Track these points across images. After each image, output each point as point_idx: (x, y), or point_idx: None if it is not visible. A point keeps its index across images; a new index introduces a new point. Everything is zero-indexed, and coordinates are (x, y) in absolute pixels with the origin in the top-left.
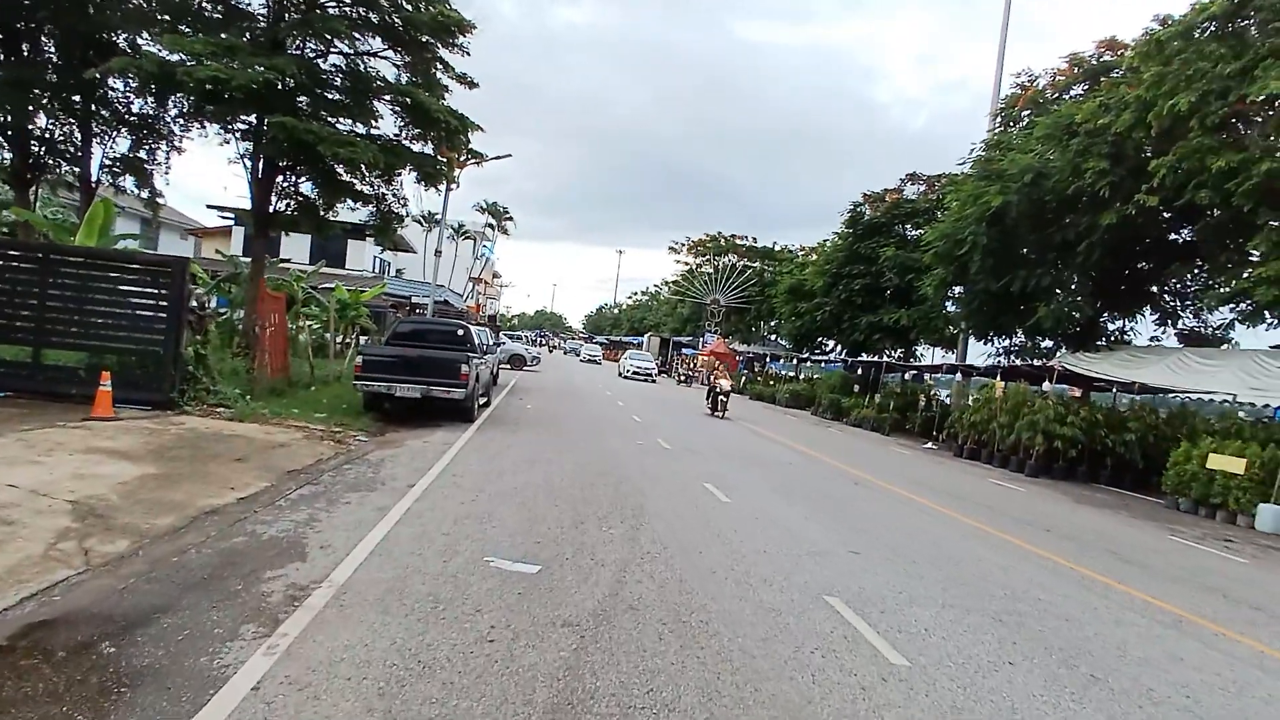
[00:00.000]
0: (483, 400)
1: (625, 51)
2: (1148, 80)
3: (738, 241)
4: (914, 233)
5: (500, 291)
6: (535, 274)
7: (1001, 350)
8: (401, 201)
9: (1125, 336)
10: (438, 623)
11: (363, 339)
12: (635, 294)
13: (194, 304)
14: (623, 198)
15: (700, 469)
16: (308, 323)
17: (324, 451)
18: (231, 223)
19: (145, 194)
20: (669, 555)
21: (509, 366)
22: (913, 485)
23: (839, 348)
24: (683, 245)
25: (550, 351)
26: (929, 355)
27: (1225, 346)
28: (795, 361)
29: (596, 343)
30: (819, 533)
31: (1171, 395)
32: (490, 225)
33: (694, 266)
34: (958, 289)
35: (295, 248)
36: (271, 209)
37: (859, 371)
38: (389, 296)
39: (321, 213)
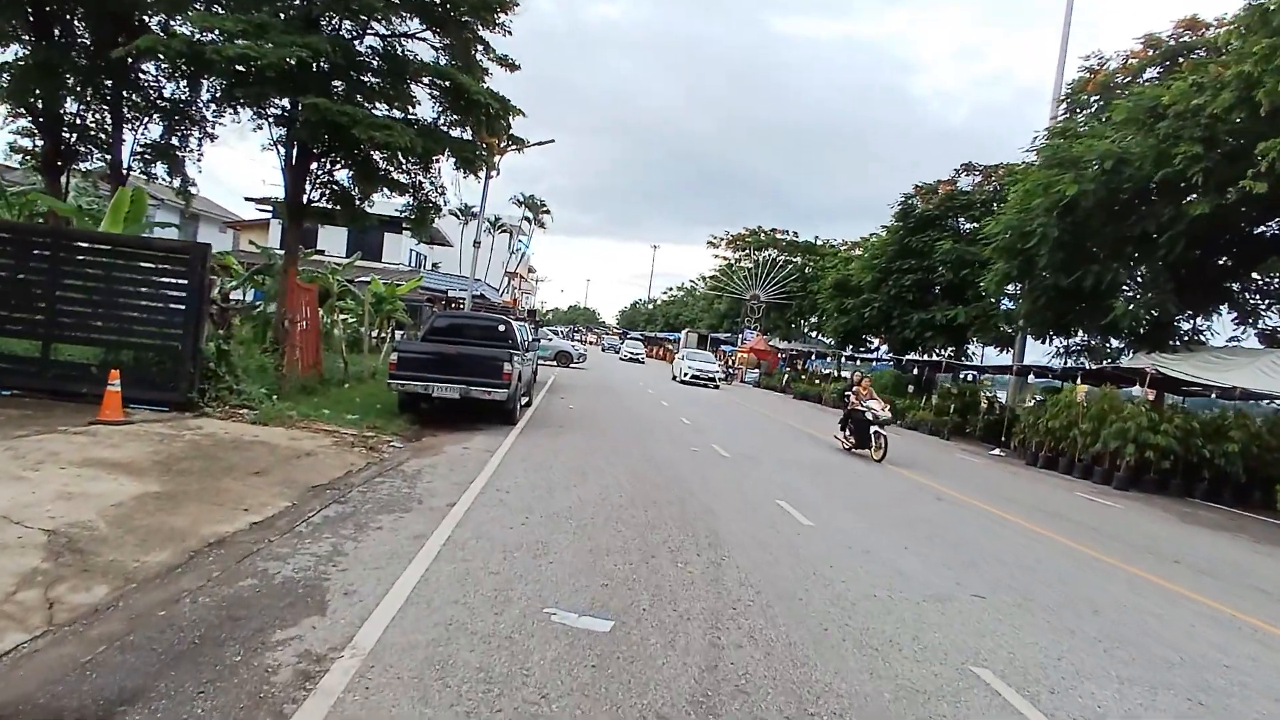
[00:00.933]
0: (524, 400)
1: (659, 46)
2: (1257, 53)
3: (778, 236)
4: (968, 226)
5: (536, 286)
6: (569, 269)
7: (1062, 350)
8: (440, 190)
9: (1200, 337)
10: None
11: (398, 334)
12: (670, 289)
13: (216, 295)
14: (657, 193)
15: (767, 481)
16: (343, 317)
17: (354, 461)
18: (269, 215)
19: (177, 182)
20: (765, 602)
21: (555, 363)
22: (999, 500)
23: (883, 346)
24: (721, 240)
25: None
26: (979, 355)
27: None
28: (838, 360)
29: (634, 338)
30: (926, 568)
31: (1266, 402)
32: (527, 219)
33: (733, 261)
34: (1015, 285)
35: (331, 240)
36: (306, 198)
37: (914, 371)
38: (425, 290)
39: (357, 202)
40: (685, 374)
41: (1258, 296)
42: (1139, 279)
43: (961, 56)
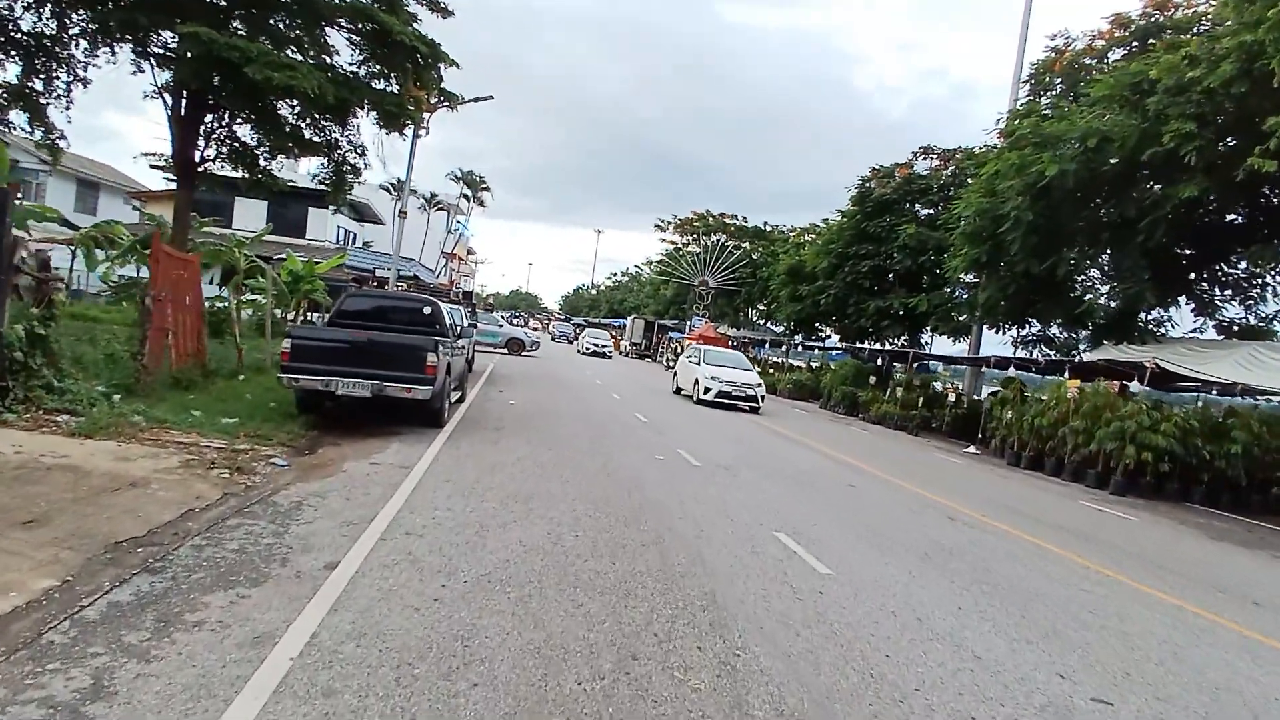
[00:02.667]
0: (456, 396)
1: (607, 30)
2: (1271, 18)
3: (726, 220)
4: (925, 212)
5: (475, 269)
6: (510, 253)
7: (1019, 340)
8: (359, 151)
9: (1159, 329)
10: None
11: (314, 317)
12: (614, 275)
13: (25, 260)
14: (601, 178)
15: (754, 503)
16: (252, 297)
17: (204, 492)
18: (175, 185)
19: (39, 134)
20: None
21: (506, 351)
22: (1011, 516)
23: (835, 335)
24: (669, 223)
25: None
26: (934, 345)
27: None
28: (786, 349)
29: (595, 325)
30: (1005, 644)
31: (1261, 398)
32: (465, 196)
33: (680, 246)
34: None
35: (249, 215)
36: (200, 156)
37: (879, 361)
38: (351, 269)
39: (263, 163)
40: (711, 391)
41: (1215, 288)
42: (1110, 268)
43: (903, 50)
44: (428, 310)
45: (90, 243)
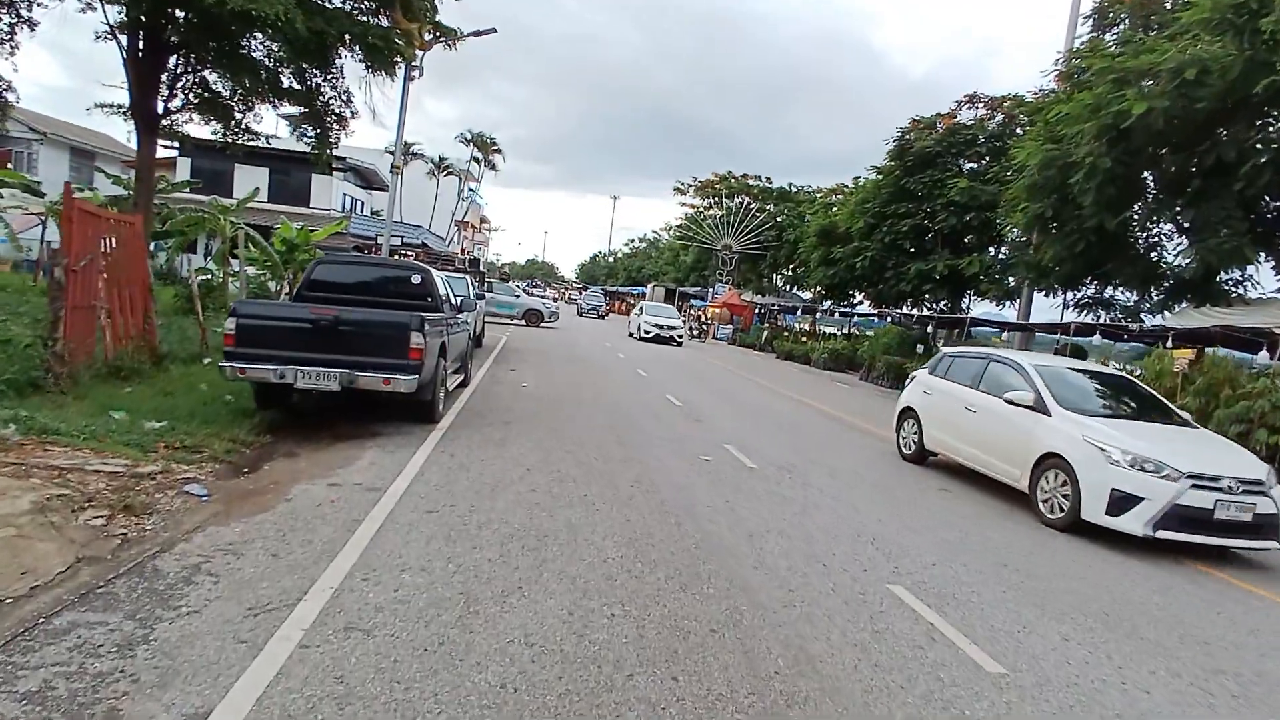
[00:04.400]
0: (456, 380)
1: None
2: None
3: (750, 182)
4: (969, 166)
5: (489, 237)
6: (526, 222)
7: (1076, 304)
8: (343, 98)
9: (1240, 290)
10: None
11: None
12: (631, 241)
13: None
14: (617, 146)
15: (844, 530)
16: (246, 269)
17: (45, 556)
18: (176, 152)
19: None
20: None
21: (523, 323)
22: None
23: (866, 301)
24: (689, 186)
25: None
26: (975, 311)
27: None
28: (817, 315)
29: (592, 290)
30: None
31: None
32: (476, 159)
33: (701, 209)
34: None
35: (251, 185)
36: (164, 105)
37: (928, 328)
38: (355, 237)
39: (237, 114)
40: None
41: None
42: (1195, 221)
43: (925, 6)
44: (417, 280)
45: (59, 213)
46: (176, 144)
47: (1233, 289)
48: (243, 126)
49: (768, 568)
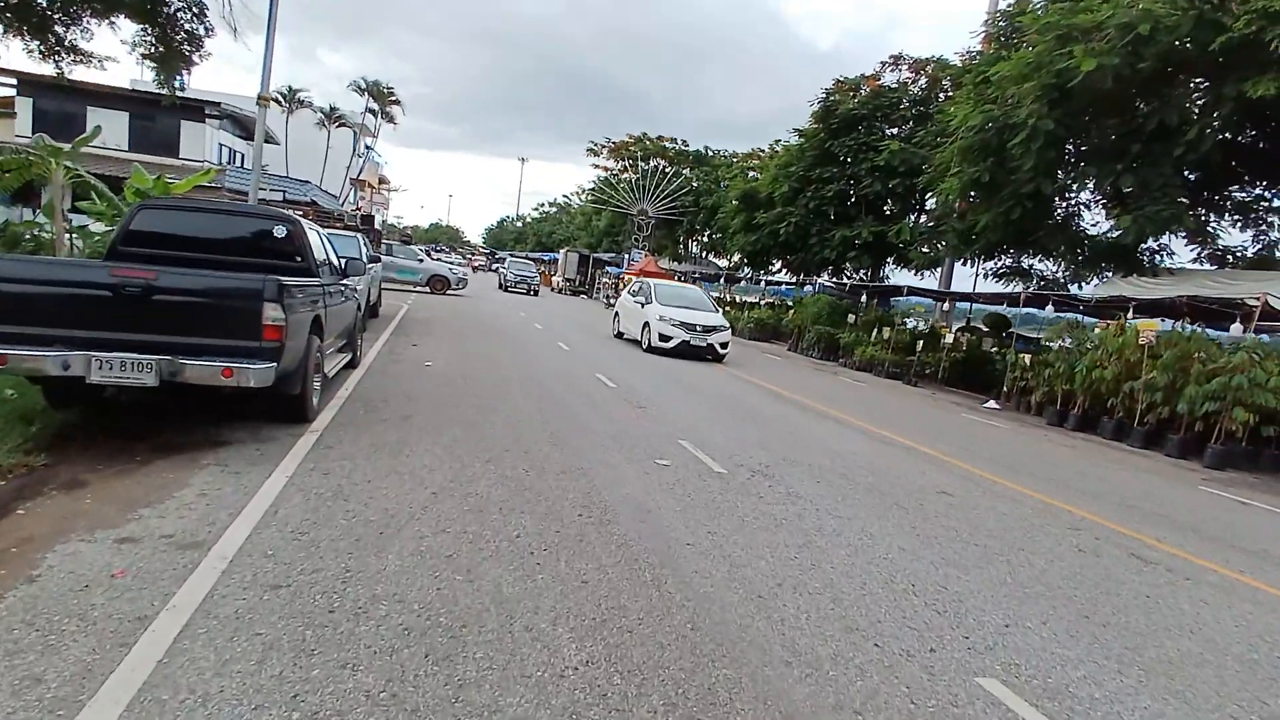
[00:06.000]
0: (342, 360)
1: None
2: None
3: (665, 144)
4: (891, 130)
5: (388, 198)
6: (430, 185)
7: (994, 273)
8: (194, 9)
9: (1155, 259)
10: None
11: None
12: (541, 205)
13: None
14: (527, 105)
15: (868, 573)
16: (81, 223)
17: None
18: (13, 91)
19: None
20: None
21: (428, 290)
22: (1155, 525)
23: (784, 270)
24: (603, 147)
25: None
26: (894, 279)
27: None
28: (738, 284)
29: (520, 259)
30: None
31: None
32: (372, 111)
33: (615, 172)
34: (958, 198)
35: (110, 132)
36: None
37: (863, 297)
38: (230, 193)
39: (57, 25)
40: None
41: (1212, 213)
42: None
43: None
44: (281, 232)
45: None
46: (12, 80)
47: (1147, 259)
48: (67, 45)
49: (806, 662)
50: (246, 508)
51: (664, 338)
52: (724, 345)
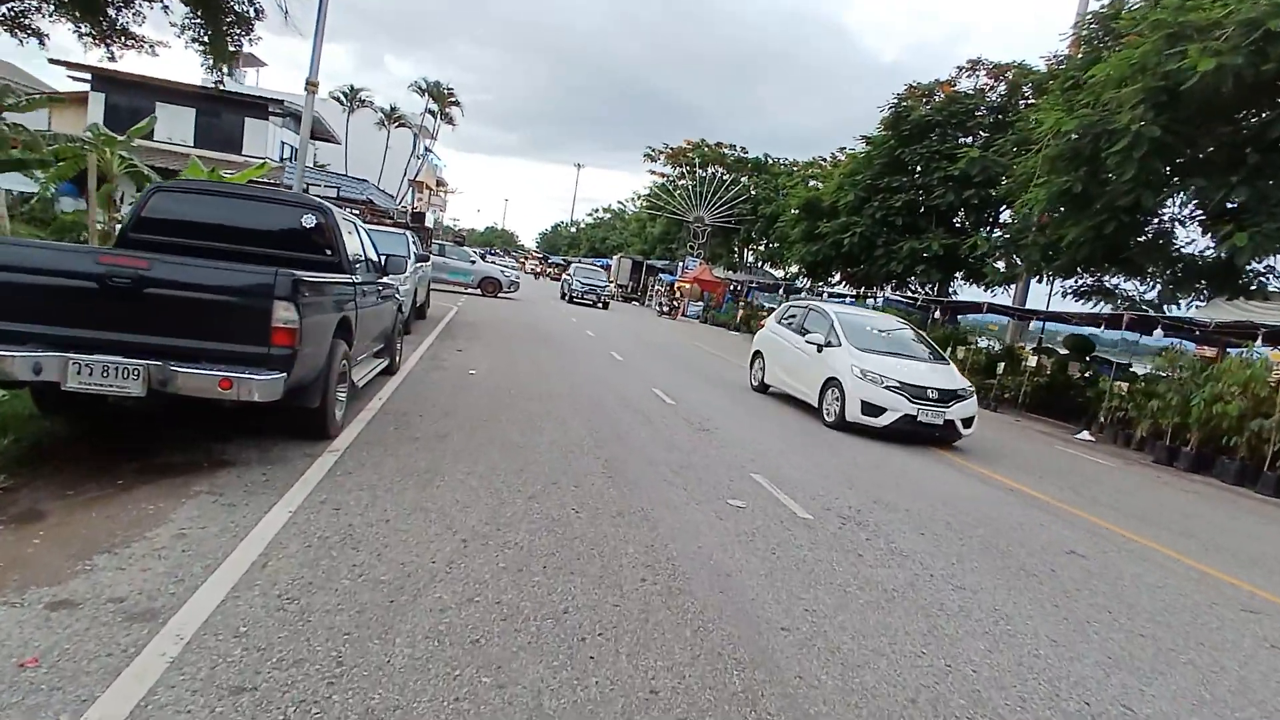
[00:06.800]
0: (378, 366)
1: None
2: None
3: (724, 151)
4: (964, 139)
5: (446, 200)
6: (487, 189)
7: (1073, 292)
8: None
9: (1263, 280)
10: None
11: None
12: (595, 211)
13: None
14: (582, 116)
15: (1027, 687)
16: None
17: None
18: (87, 86)
19: None
20: None
21: (479, 292)
22: None
23: (843, 282)
24: (660, 153)
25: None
26: (962, 295)
27: None
28: (787, 294)
29: (587, 265)
30: None
31: None
32: (431, 112)
33: (672, 179)
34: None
35: (174, 126)
36: None
37: (936, 314)
38: (287, 188)
39: (109, 8)
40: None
41: None
42: (1251, 201)
43: None
44: (310, 222)
45: None
46: (87, 75)
47: (1252, 280)
48: (119, 28)
49: None
50: (230, 557)
51: (871, 409)
52: (967, 422)
